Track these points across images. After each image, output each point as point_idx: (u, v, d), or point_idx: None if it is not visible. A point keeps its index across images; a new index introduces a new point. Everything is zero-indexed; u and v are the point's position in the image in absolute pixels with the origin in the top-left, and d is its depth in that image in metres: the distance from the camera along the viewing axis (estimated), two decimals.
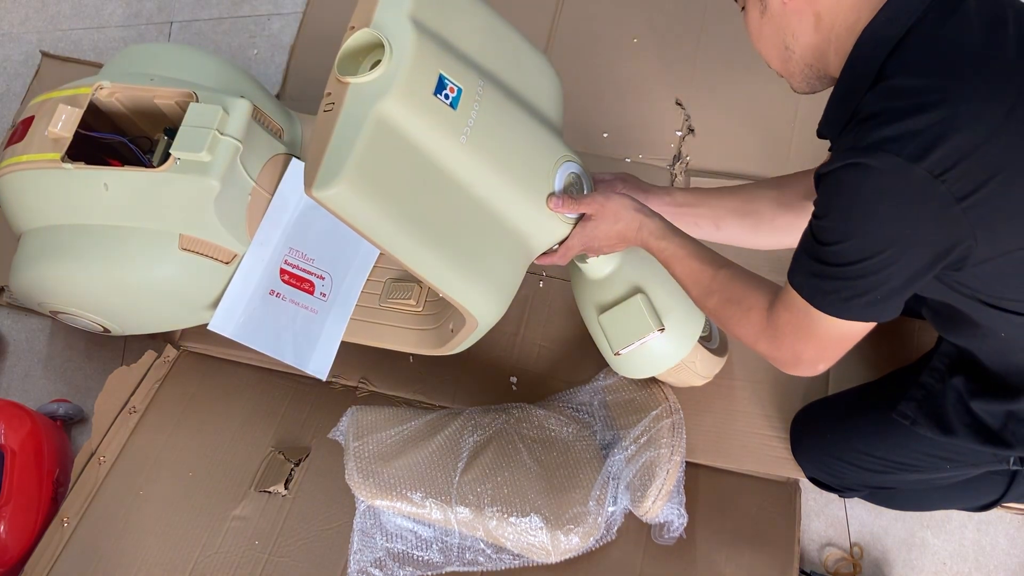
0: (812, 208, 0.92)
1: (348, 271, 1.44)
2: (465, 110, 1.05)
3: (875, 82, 0.86)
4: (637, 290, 1.24)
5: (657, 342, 1.24)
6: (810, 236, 0.91)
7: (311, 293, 1.48)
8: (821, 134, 0.97)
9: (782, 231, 1.21)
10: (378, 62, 1.02)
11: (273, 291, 1.49)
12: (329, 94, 1.05)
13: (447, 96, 1.04)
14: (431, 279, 1.11)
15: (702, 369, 1.36)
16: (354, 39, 1.04)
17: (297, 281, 1.49)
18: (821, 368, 0.98)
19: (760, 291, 1.02)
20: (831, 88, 0.96)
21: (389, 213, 1.04)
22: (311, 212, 1.47)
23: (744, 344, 1.04)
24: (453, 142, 1.05)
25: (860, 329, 0.93)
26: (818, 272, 0.90)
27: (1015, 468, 1.14)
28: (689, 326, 1.26)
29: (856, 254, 0.86)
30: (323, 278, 1.46)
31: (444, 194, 1.08)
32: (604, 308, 1.26)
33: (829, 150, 0.99)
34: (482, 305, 1.15)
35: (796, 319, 0.94)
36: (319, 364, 1.49)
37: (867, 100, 0.86)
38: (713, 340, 1.42)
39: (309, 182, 1.00)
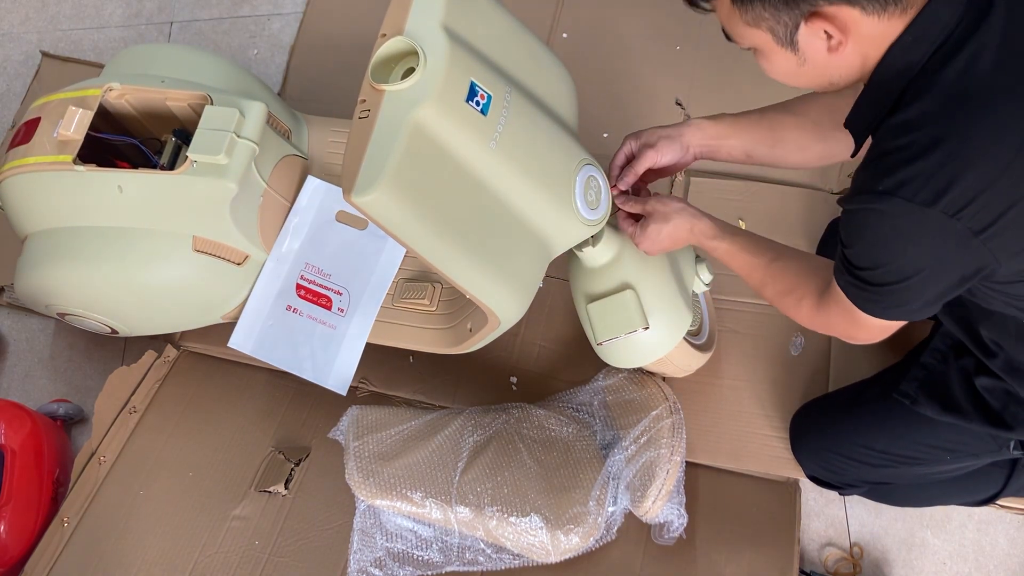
0: (839, 136, 0.98)
1: (366, 287, 1.44)
2: (495, 116, 1.07)
3: (896, 104, 0.87)
4: (627, 286, 1.25)
5: (640, 338, 1.25)
6: (843, 256, 0.94)
7: (329, 309, 1.48)
8: (848, 127, 0.97)
9: (814, 156, 1.21)
10: (410, 69, 1.05)
11: (290, 307, 1.50)
12: (363, 101, 1.06)
13: (478, 103, 1.06)
14: (458, 280, 1.12)
15: (681, 363, 1.36)
16: (387, 47, 1.06)
17: (314, 296, 1.49)
18: (876, 340, 1.03)
19: (810, 281, 1.05)
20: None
21: (423, 217, 1.05)
22: (327, 227, 1.47)
23: (804, 326, 1.10)
24: (483, 148, 1.07)
25: (904, 322, 0.98)
26: (856, 284, 0.94)
27: (1016, 454, 1.15)
28: (674, 326, 1.27)
29: (887, 279, 0.90)
30: (341, 293, 1.47)
31: (472, 197, 1.10)
32: (594, 298, 1.27)
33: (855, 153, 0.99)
34: (506, 305, 1.17)
35: (844, 311, 0.98)
36: (339, 380, 1.49)
37: (884, 131, 0.87)
38: (701, 336, 1.43)
39: (347, 188, 1.02)
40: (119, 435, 1.58)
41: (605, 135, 1.77)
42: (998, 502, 1.37)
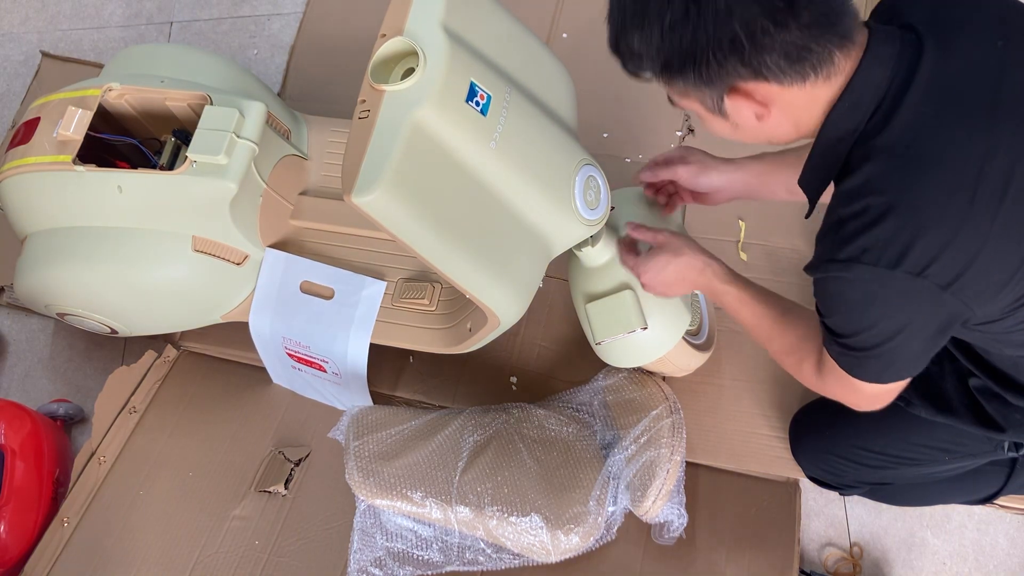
0: None
1: (346, 354, 1.44)
2: (495, 116, 1.07)
3: (844, 168, 0.88)
4: (626, 286, 1.25)
5: (638, 338, 1.25)
6: (825, 326, 0.95)
7: (324, 372, 1.50)
8: (800, 186, 0.99)
9: None
10: (410, 69, 1.05)
11: (294, 366, 1.53)
12: (363, 101, 1.06)
13: (478, 103, 1.06)
14: (458, 280, 1.12)
15: (680, 363, 1.37)
16: (387, 47, 1.06)
17: (307, 363, 1.51)
18: (878, 407, 1.03)
19: (812, 343, 1.05)
20: None
21: (423, 217, 1.06)
22: (294, 300, 1.47)
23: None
24: (483, 148, 1.07)
25: (901, 384, 0.98)
26: (845, 352, 0.95)
27: (1011, 455, 1.15)
28: (673, 326, 1.27)
29: (869, 343, 0.91)
30: (328, 361, 1.47)
31: (472, 197, 1.10)
32: (592, 298, 1.27)
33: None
34: (505, 305, 1.17)
35: (841, 379, 0.99)
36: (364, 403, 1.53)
37: (837, 198, 0.88)
38: (700, 335, 1.42)
39: (348, 188, 1.02)
40: (119, 435, 1.58)
41: (605, 135, 1.77)
42: (998, 501, 1.37)
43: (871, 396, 1.00)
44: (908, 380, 0.98)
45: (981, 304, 0.87)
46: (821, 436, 1.35)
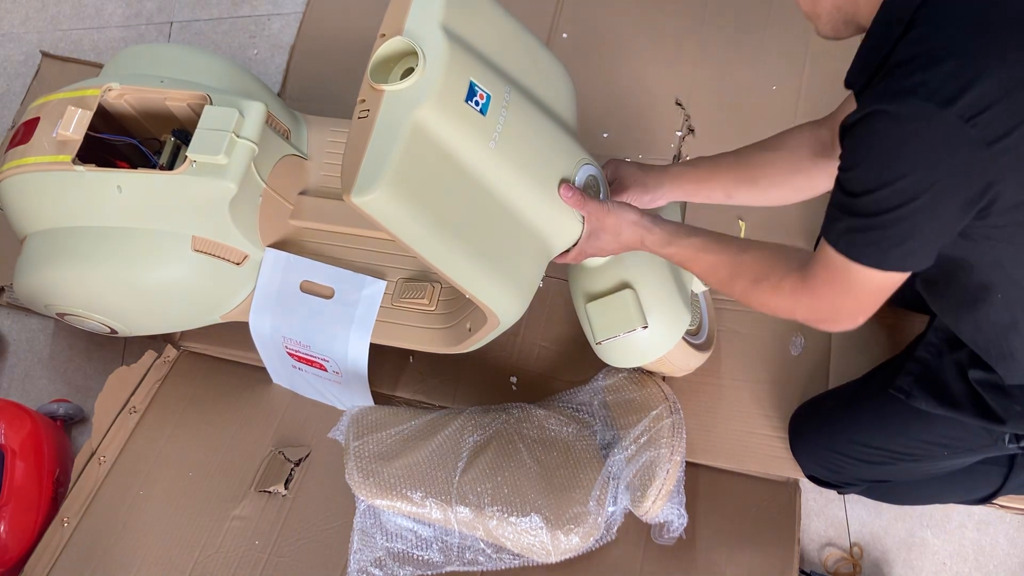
0: (819, 166, 0.92)
1: (347, 353, 1.44)
2: (494, 116, 1.07)
3: (906, 31, 0.86)
4: (626, 285, 1.25)
5: (639, 337, 1.26)
6: (840, 191, 0.90)
7: (325, 371, 1.50)
8: (848, 84, 0.96)
9: (793, 190, 1.22)
10: (409, 69, 1.05)
11: (294, 366, 1.53)
12: (363, 101, 1.06)
13: (477, 103, 1.06)
14: (458, 280, 1.12)
15: (680, 363, 1.37)
16: (387, 47, 1.06)
17: (307, 362, 1.51)
18: (860, 320, 0.97)
19: (787, 259, 1.01)
20: (846, 44, 0.96)
21: (422, 217, 1.06)
22: (294, 299, 1.47)
23: (780, 316, 1.03)
24: (483, 147, 1.07)
25: (897, 279, 0.92)
26: (853, 226, 0.89)
27: (1011, 448, 1.15)
28: (673, 325, 1.28)
29: (889, 202, 0.85)
30: (328, 360, 1.47)
31: (471, 197, 1.10)
32: (593, 297, 1.28)
33: (857, 99, 0.98)
34: (505, 305, 1.18)
35: (834, 275, 0.93)
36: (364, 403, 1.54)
37: (897, 49, 0.86)
38: (700, 335, 1.43)
39: (347, 188, 1.02)
40: (119, 435, 1.58)
41: (605, 135, 1.77)
42: (997, 501, 1.37)
43: (863, 296, 0.93)
44: (900, 283, 0.92)
45: (1014, 174, 0.84)
46: (820, 432, 1.35)
